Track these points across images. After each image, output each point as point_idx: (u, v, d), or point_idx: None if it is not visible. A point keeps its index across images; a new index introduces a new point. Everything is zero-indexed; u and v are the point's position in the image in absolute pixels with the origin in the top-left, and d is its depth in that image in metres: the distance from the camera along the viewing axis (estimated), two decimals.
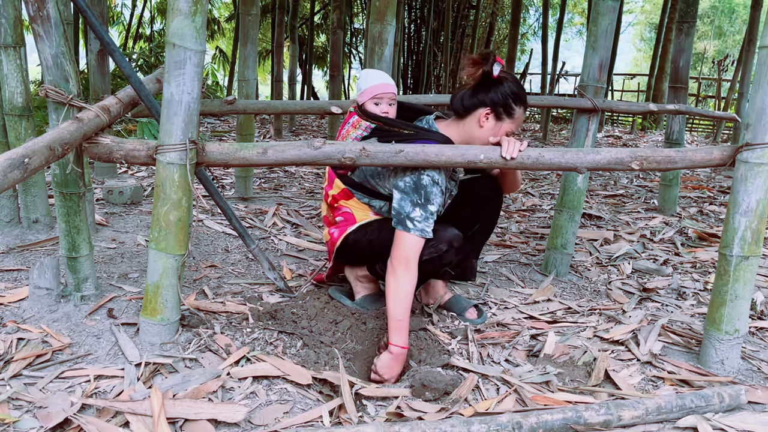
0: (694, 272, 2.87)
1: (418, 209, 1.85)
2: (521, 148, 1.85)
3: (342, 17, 7.48)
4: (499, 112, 1.92)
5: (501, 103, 1.91)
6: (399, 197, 1.89)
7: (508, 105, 1.92)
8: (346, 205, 2.17)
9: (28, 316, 1.95)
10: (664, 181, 4.12)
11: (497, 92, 1.91)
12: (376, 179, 2.05)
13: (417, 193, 1.87)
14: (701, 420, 1.53)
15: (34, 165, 1.44)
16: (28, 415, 1.44)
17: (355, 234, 2.12)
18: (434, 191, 1.88)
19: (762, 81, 1.68)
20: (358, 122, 2.17)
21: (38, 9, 1.70)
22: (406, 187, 1.88)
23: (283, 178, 4.84)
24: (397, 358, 1.81)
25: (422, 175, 1.87)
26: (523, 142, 1.87)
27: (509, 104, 1.92)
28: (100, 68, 3.70)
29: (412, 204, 1.86)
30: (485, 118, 1.93)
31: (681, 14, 3.88)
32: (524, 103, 1.96)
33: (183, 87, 1.64)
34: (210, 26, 14.48)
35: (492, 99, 1.92)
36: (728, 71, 11.95)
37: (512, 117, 1.94)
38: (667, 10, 9.23)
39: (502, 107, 1.92)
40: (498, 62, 1.90)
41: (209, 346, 1.83)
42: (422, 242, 1.86)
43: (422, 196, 1.86)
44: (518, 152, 1.84)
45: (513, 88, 1.93)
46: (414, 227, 1.84)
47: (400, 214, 1.86)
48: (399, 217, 1.87)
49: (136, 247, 2.78)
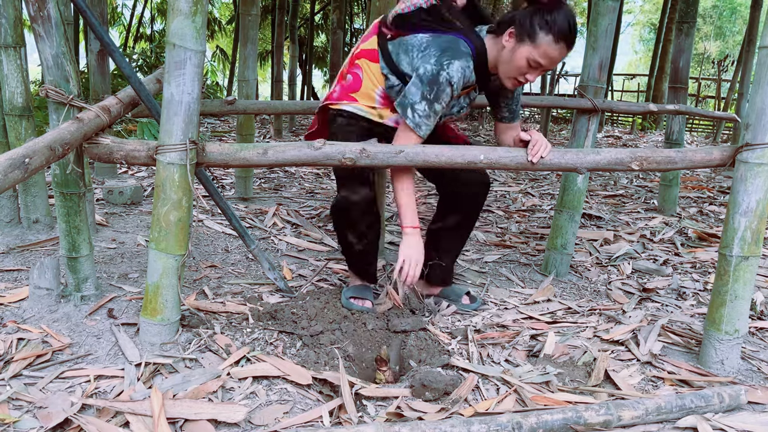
0: (694, 272, 2.87)
1: (424, 103, 1.85)
2: (543, 153, 1.84)
3: (342, 17, 7.48)
4: (521, 33, 1.81)
5: (525, 24, 1.80)
6: (414, 81, 1.88)
7: (532, 26, 1.79)
8: (365, 65, 2.09)
9: (29, 316, 1.95)
10: (664, 182, 4.12)
11: (530, 13, 1.80)
12: (407, 54, 1.98)
13: (430, 87, 1.84)
14: (701, 420, 1.53)
15: (34, 165, 1.44)
16: (28, 415, 1.44)
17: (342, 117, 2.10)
18: (446, 91, 1.85)
19: (762, 81, 1.68)
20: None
21: (39, 9, 1.70)
22: (423, 75, 1.85)
23: (283, 179, 4.84)
24: (414, 237, 1.95)
25: (442, 71, 1.83)
26: (548, 147, 1.86)
27: (534, 26, 1.78)
28: (101, 68, 3.70)
29: (421, 96, 1.85)
30: (508, 36, 1.85)
31: (681, 14, 3.88)
32: (555, 33, 1.77)
33: (183, 87, 1.64)
34: (210, 26, 14.49)
35: (520, 17, 1.82)
36: (728, 71, 11.95)
37: (534, 42, 1.79)
38: (667, 10, 9.23)
39: (524, 28, 1.80)
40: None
41: (209, 346, 1.83)
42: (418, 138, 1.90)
43: (433, 91, 1.84)
44: (540, 158, 1.84)
45: (554, 15, 1.78)
46: (411, 118, 1.86)
47: (407, 99, 1.88)
48: (404, 101, 1.89)
49: (136, 248, 2.78)
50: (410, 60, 1.96)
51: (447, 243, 2.32)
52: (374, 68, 2.05)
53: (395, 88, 2.02)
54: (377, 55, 2.05)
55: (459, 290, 2.37)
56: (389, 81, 2.03)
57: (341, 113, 2.10)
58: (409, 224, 1.96)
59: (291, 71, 8.68)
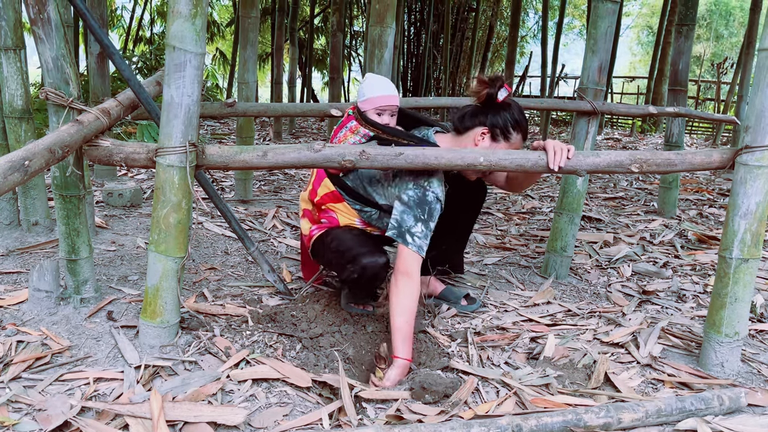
0: (693, 275, 2.87)
1: (420, 225, 1.85)
2: (569, 155, 1.83)
3: (342, 20, 7.49)
4: (496, 134, 1.96)
5: (499, 126, 1.95)
6: (401, 209, 1.88)
7: (506, 129, 1.96)
8: (333, 208, 2.14)
9: (28, 318, 1.95)
10: (664, 184, 4.12)
11: (498, 116, 1.95)
12: (374, 186, 2.04)
13: (420, 209, 1.87)
14: (701, 423, 1.53)
15: (34, 167, 1.44)
16: (28, 418, 1.43)
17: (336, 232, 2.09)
18: (437, 208, 1.89)
19: (761, 84, 1.68)
20: (356, 128, 2.14)
21: (39, 12, 1.71)
22: (410, 201, 1.88)
23: (283, 181, 4.84)
24: (403, 370, 1.79)
25: (428, 191, 1.88)
26: (570, 147, 1.85)
27: (508, 128, 1.96)
28: (100, 71, 3.70)
29: (415, 219, 1.86)
30: (481, 137, 1.97)
31: (680, 17, 3.88)
32: (523, 131, 1.99)
33: (183, 90, 1.64)
34: (210, 28, 14.50)
35: (491, 121, 1.96)
36: (727, 74, 11.96)
37: (508, 141, 1.98)
38: (666, 13, 9.25)
39: (499, 129, 1.96)
40: (505, 88, 1.92)
41: (209, 349, 1.83)
42: (420, 259, 1.85)
43: (425, 212, 1.87)
44: (566, 160, 1.82)
45: (515, 115, 1.96)
46: (413, 242, 1.84)
47: (401, 227, 1.85)
48: (400, 229, 1.86)
49: (136, 250, 2.78)
50: (383, 191, 2.04)
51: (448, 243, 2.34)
52: (342, 206, 2.13)
53: (372, 216, 2.10)
54: (339, 195, 2.12)
55: (459, 293, 2.38)
56: (365, 213, 2.11)
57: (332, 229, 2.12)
58: (404, 356, 1.79)
59: (291, 74, 8.68)
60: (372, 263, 1.94)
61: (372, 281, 2.01)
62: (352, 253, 1.97)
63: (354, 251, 1.97)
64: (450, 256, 2.50)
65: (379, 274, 1.97)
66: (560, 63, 10.11)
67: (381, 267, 1.96)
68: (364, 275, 1.95)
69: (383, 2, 2.70)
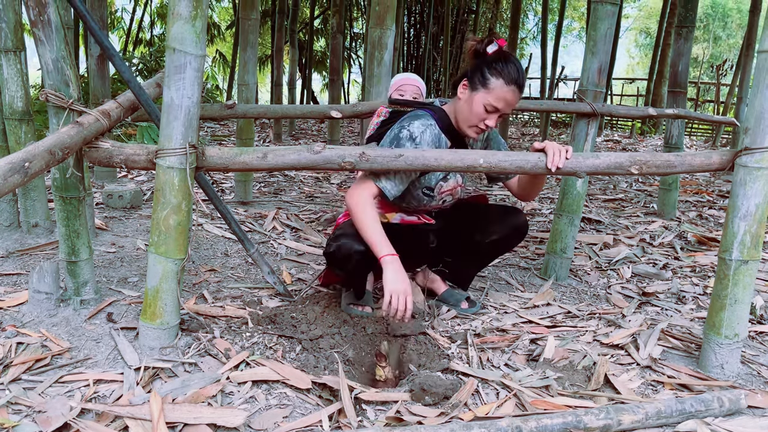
0: (693, 276, 2.87)
1: None
2: (568, 156, 1.82)
3: (342, 22, 7.50)
4: (474, 82, 1.91)
5: (477, 73, 1.90)
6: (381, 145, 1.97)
7: (482, 75, 1.89)
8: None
9: (28, 320, 1.95)
10: (664, 185, 4.12)
11: (478, 63, 1.91)
12: None
13: (391, 143, 1.93)
14: (701, 424, 1.53)
15: (34, 169, 1.44)
16: (27, 420, 1.43)
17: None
18: (405, 145, 1.93)
19: (761, 85, 1.69)
20: (380, 111, 2.30)
21: (39, 13, 1.71)
22: (387, 137, 1.97)
23: (283, 182, 4.84)
24: (394, 265, 1.82)
25: (402, 129, 1.95)
26: (568, 148, 1.84)
27: (484, 74, 1.89)
28: (100, 72, 3.71)
29: None
30: (463, 88, 1.96)
31: (680, 19, 3.89)
32: (504, 76, 1.88)
33: (183, 91, 1.64)
34: (210, 30, 14.51)
35: (471, 70, 1.93)
36: (727, 76, 11.97)
37: (487, 87, 1.90)
38: (665, 15, 9.26)
39: (476, 77, 1.90)
40: (496, 42, 1.89)
41: (209, 351, 1.83)
42: (376, 191, 1.91)
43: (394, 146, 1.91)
44: (565, 161, 1.80)
45: (495, 60, 1.89)
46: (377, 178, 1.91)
47: None
48: None
49: (136, 251, 2.78)
50: None
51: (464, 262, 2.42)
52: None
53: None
54: None
55: (458, 294, 2.38)
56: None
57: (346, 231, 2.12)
58: (386, 253, 1.84)
59: (291, 75, 8.69)
60: (347, 244, 1.98)
61: (344, 261, 2.02)
62: (339, 233, 2.06)
63: (341, 231, 2.05)
64: (458, 271, 2.45)
65: (351, 256, 1.98)
66: (560, 65, 10.11)
67: (354, 251, 1.97)
68: (338, 252, 2.00)
69: (383, 4, 2.71)
